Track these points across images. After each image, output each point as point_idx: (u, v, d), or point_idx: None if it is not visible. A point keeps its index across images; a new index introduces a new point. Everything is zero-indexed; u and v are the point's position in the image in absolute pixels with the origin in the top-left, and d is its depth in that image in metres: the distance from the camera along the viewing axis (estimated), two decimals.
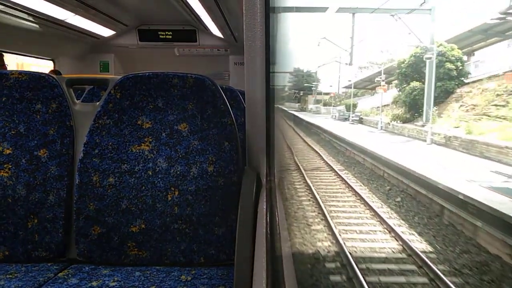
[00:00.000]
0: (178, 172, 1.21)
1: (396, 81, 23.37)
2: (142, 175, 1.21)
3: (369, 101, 30.16)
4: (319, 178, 10.32)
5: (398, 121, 19.56)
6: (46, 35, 4.04)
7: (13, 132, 1.26)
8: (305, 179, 9.92)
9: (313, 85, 44.44)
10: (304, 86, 44.38)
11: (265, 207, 1.03)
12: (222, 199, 1.21)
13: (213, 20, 4.19)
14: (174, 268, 1.18)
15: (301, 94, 46.83)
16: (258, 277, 0.70)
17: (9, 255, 1.22)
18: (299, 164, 11.90)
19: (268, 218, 0.97)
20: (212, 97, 1.24)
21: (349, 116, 28.18)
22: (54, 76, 1.32)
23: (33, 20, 3.56)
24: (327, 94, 44.52)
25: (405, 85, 20.45)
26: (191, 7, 3.76)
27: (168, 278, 1.11)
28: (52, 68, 4.44)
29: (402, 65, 20.70)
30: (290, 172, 10.56)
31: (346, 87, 39.59)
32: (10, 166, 1.24)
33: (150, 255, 1.21)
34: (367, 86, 34.12)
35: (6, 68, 3.43)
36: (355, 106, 29.91)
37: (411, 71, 19.99)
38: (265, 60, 1.24)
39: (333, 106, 38.49)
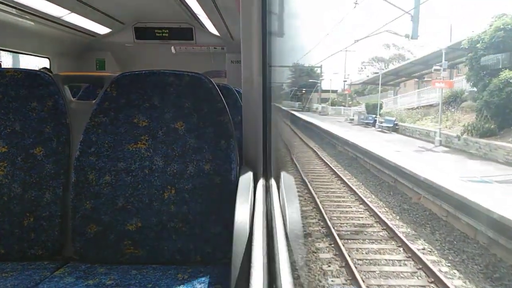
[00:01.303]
0: (175, 171, 1.21)
1: (462, 71, 15.64)
2: (138, 173, 1.21)
3: (394, 100, 22.57)
4: (383, 276, 4.68)
5: (475, 135, 12.03)
6: (41, 33, 4.01)
7: (8, 130, 1.25)
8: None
9: (318, 81, 37.22)
10: (308, 82, 37.06)
11: (262, 205, 1.02)
12: (219, 197, 1.21)
13: (209, 18, 4.18)
14: (170, 267, 1.18)
15: (304, 91, 39.64)
16: (256, 275, 0.70)
17: (5, 253, 1.22)
18: (329, 223, 6.12)
19: (265, 216, 0.97)
20: (208, 95, 1.24)
21: (374, 121, 20.04)
22: (50, 74, 1.32)
23: (28, 17, 3.54)
24: (334, 91, 37.06)
25: (482, 76, 12.74)
26: (187, 5, 3.75)
27: (164, 277, 1.11)
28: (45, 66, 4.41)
29: (478, 45, 12.50)
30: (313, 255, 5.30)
31: (365, 82, 31.39)
32: (5, 164, 1.23)
33: (146, 254, 1.20)
34: (388, 81, 26.22)
35: (0, 65, 3.40)
36: (380, 106, 21.87)
37: (496, 53, 12.41)
38: (262, 58, 1.24)
39: (344, 106, 31.59)
